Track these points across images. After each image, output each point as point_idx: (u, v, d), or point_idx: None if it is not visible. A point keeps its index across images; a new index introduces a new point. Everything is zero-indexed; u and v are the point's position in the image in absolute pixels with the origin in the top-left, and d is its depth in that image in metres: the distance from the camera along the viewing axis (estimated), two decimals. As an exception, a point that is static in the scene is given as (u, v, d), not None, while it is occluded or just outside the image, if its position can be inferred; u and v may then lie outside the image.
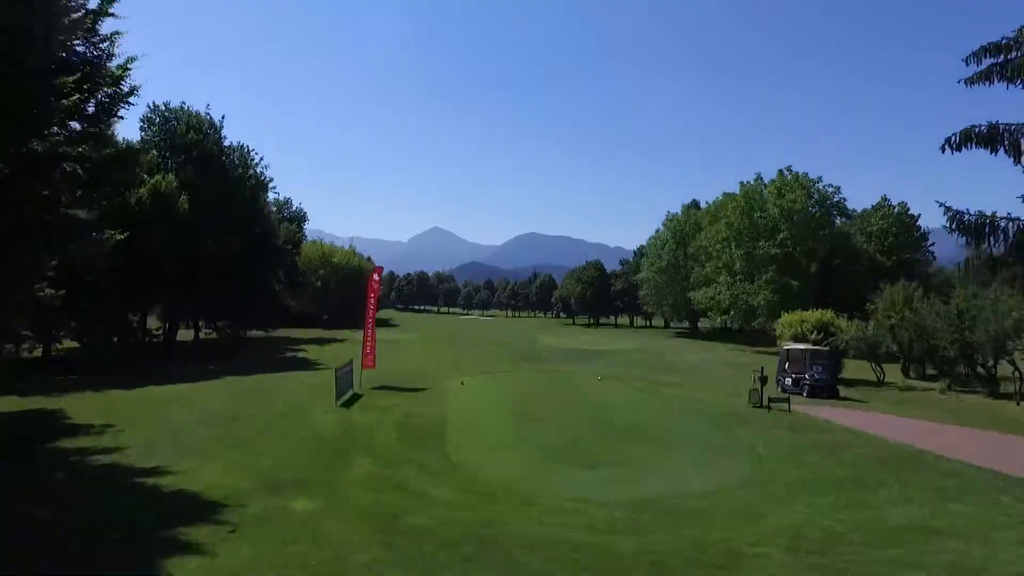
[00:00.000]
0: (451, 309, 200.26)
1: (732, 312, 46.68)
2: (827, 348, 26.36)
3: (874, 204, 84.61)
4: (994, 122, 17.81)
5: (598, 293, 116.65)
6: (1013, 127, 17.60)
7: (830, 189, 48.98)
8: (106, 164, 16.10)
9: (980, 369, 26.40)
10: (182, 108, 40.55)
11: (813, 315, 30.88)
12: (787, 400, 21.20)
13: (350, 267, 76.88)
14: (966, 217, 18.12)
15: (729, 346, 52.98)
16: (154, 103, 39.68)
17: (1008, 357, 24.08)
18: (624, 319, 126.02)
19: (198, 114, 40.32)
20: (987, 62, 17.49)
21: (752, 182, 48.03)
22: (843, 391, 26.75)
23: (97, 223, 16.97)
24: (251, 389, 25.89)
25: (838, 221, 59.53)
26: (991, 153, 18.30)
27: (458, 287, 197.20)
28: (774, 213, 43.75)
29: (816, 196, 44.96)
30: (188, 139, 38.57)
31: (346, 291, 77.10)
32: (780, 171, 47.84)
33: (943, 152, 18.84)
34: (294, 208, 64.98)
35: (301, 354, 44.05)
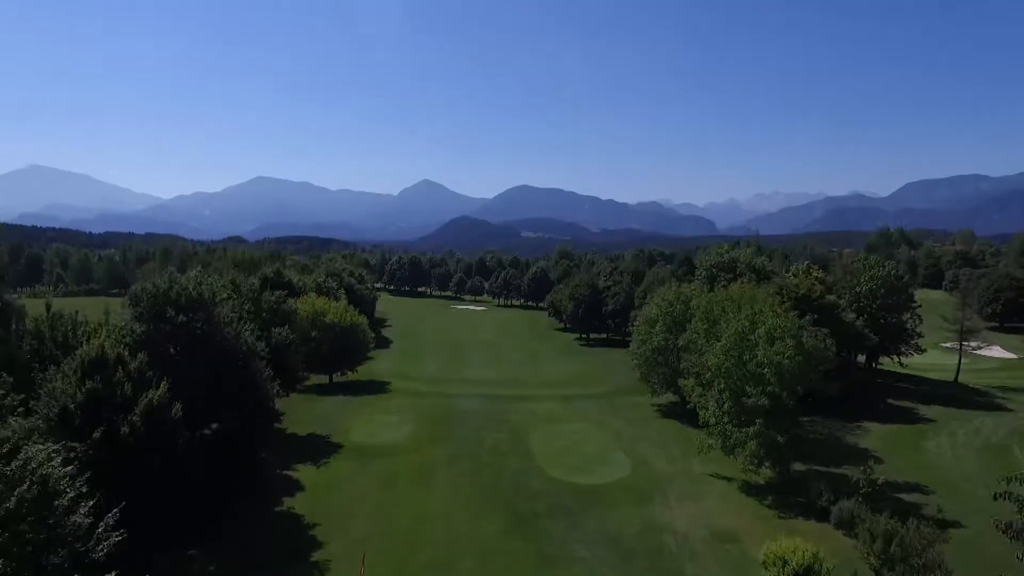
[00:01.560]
0: (444, 292, 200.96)
1: (720, 442, 47.79)
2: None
3: (866, 262, 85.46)
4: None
5: (590, 310, 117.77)
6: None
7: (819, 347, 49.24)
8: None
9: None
10: (171, 279, 39.81)
11: (799, 552, 31.68)
12: None
13: (343, 326, 77.19)
14: None
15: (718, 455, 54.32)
16: (141, 286, 38.99)
17: None
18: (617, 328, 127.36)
19: (187, 290, 39.62)
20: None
21: (745, 316, 48.12)
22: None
23: None
24: None
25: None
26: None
27: (450, 272, 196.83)
28: (763, 361, 44.22)
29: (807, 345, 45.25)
30: (178, 322, 38.10)
31: (337, 347, 77.87)
32: (772, 309, 47.95)
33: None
34: (284, 305, 64.48)
35: (299, 499, 44.85)
